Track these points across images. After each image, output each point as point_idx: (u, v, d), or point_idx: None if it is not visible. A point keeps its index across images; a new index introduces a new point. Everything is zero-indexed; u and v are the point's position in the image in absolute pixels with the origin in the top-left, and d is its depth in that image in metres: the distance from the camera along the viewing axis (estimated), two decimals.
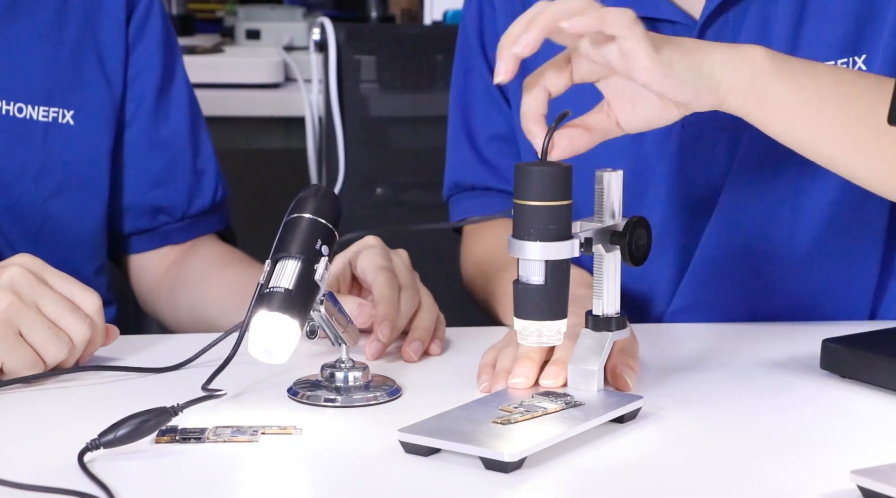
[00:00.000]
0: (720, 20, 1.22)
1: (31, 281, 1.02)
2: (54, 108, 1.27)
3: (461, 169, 1.35)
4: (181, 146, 1.34)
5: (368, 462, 0.94)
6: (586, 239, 0.99)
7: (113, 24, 1.31)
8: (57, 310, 1.03)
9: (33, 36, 1.27)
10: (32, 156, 1.26)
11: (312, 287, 1.02)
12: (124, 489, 0.87)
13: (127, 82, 1.32)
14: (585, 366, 1.02)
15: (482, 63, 1.33)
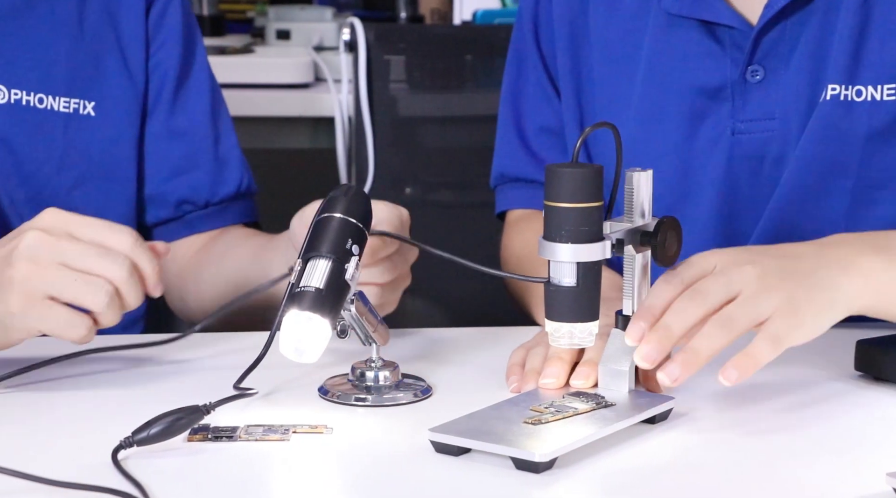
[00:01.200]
0: (778, 28, 1.20)
1: (47, 241, 0.99)
2: (75, 100, 1.27)
3: (508, 160, 1.35)
4: (201, 135, 1.34)
5: (399, 462, 0.94)
6: (618, 240, 0.99)
7: (133, 15, 1.31)
8: (84, 259, 1.00)
9: (53, 27, 1.27)
10: (53, 146, 1.26)
11: (343, 287, 1.02)
12: (158, 487, 0.87)
13: (147, 74, 1.32)
14: (616, 366, 1.02)
15: (535, 54, 1.33)
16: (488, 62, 1.98)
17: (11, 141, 1.24)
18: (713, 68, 1.22)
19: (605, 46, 1.27)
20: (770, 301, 0.99)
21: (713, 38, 1.22)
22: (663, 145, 1.22)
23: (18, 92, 1.24)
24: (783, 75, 1.20)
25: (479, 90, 2.00)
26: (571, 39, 1.29)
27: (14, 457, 0.88)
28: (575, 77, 1.29)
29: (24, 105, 1.24)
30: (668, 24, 1.23)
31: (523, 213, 1.35)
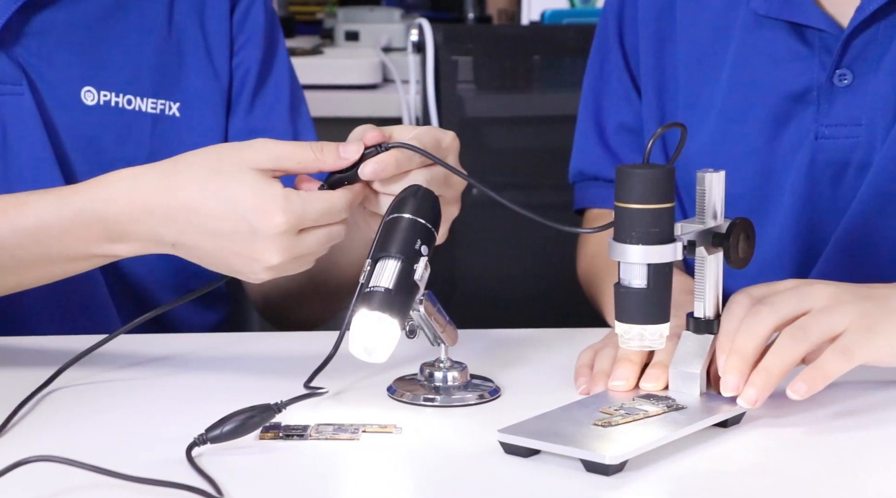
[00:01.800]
0: (869, 32, 1.18)
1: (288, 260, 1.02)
2: (161, 101, 1.29)
3: (587, 157, 1.34)
4: (280, 133, 1.34)
5: (468, 462, 0.94)
6: (689, 242, 0.98)
7: (219, 15, 1.32)
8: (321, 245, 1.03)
9: (142, 28, 1.28)
10: (141, 148, 1.28)
11: (412, 287, 1.02)
12: (231, 484, 0.88)
13: (231, 73, 1.33)
14: (687, 369, 1.01)
15: (618, 52, 1.32)
16: (556, 63, 1.98)
17: (101, 142, 1.25)
18: (800, 71, 1.21)
19: (691, 46, 1.26)
20: (845, 315, 0.98)
21: (802, 40, 1.20)
22: (745, 148, 1.21)
23: (108, 94, 1.26)
24: (872, 80, 1.19)
25: (546, 91, 1.99)
26: (656, 38, 1.29)
27: (92, 452, 0.89)
28: (657, 76, 1.28)
29: (113, 107, 1.26)
30: (755, 26, 1.22)
31: (600, 212, 1.35)
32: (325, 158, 1.03)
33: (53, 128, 1.23)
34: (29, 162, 1.23)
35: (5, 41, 1.21)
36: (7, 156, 1.22)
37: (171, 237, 1.03)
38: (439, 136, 1.07)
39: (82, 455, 0.88)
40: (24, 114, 1.22)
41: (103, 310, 1.25)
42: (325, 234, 1.03)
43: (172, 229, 1.03)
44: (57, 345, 1.14)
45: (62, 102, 1.24)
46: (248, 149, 1.03)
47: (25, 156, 1.22)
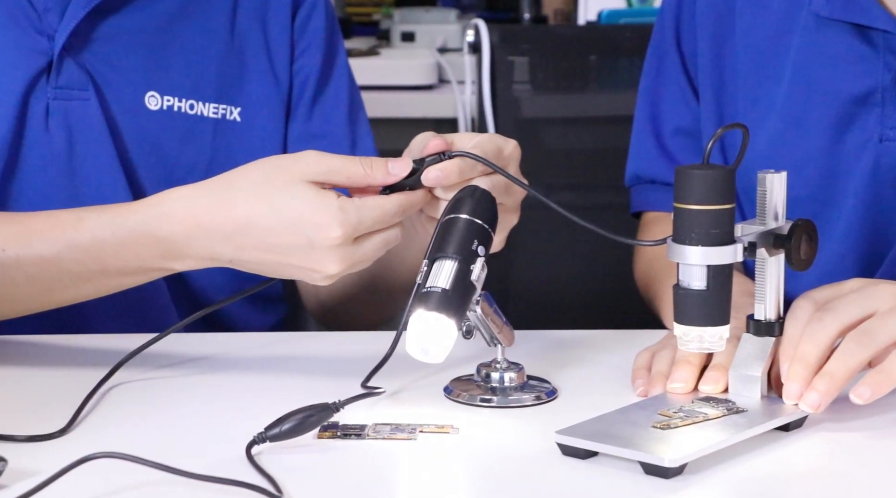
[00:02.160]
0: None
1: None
2: (223, 105, 1.29)
3: (643, 160, 1.34)
4: (339, 138, 1.35)
5: (526, 463, 0.93)
6: (749, 243, 0.97)
7: (280, 20, 1.33)
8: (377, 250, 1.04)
9: (205, 34, 1.29)
10: (202, 152, 1.29)
11: (469, 287, 1.01)
12: (290, 482, 0.88)
13: (292, 78, 1.34)
14: (747, 371, 1.00)
15: (675, 54, 1.32)
16: (613, 63, 1.97)
17: (163, 147, 1.26)
18: (864, 73, 1.19)
19: (751, 48, 1.25)
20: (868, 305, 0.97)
21: (866, 41, 1.19)
22: (807, 150, 1.19)
23: (171, 99, 1.27)
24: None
25: (602, 91, 1.99)
26: (715, 40, 1.28)
27: (153, 449, 0.90)
28: (716, 78, 1.28)
29: (175, 111, 1.27)
30: (817, 27, 1.21)
31: (657, 215, 1.34)
32: (374, 174, 1.04)
33: (118, 132, 1.25)
34: (94, 166, 1.24)
35: (73, 47, 1.22)
36: (73, 161, 1.23)
37: (228, 254, 1.05)
38: (501, 144, 1.08)
39: (144, 452, 0.88)
40: (90, 119, 1.23)
41: (163, 311, 1.26)
42: (380, 240, 1.04)
43: (229, 246, 1.04)
44: (116, 342, 1.15)
45: (127, 107, 1.25)
46: (300, 161, 1.04)
47: (91, 160, 1.24)
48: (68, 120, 1.23)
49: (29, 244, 1.07)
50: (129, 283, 1.10)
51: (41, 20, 1.22)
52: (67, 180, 1.23)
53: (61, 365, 1.13)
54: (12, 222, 1.10)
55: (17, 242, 1.07)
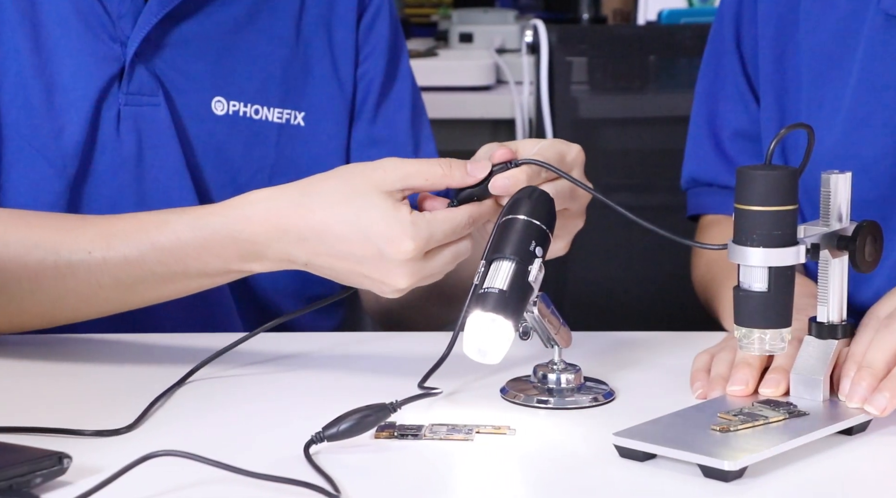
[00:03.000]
0: None
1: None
2: (287, 110, 1.30)
3: (701, 163, 1.33)
4: (402, 143, 1.35)
5: (583, 465, 0.93)
6: (812, 245, 0.96)
7: (345, 25, 1.33)
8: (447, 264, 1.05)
9: (271, 40, 1.30)
10: (266, 156, 1.29)
11: (526, 288, 1.01)
12: (347, 482, 0.88)
13: (356, 83, 1.34)
14: (810, 375, 0.99)
15: (735, 55, 1.30)
16: (673, 63, 1.96)
17: (229, 151, 1.27)
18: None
19: (816, 48, 1.23)
20: None
21: None
22: (875, 152, 1.18)
23: (237, 104, 1.27)
24: None
25: (661, 92, 1.97)
26: (777, 40, 1.26)
27: (214, 447, 0.90)
28: (778, 80, 1.26)
29: (241, 116, 1.27)
30: (887, 26, 1.19)
31: (715, 218, 1.33)
32: (453, 174, 1.05)
33: (186, 137, 1.25)
34: (162, 170, 1.25)
35: (145, 54, 1.23)
36: (142, 164, 1.24)
37: (303, 257, 1.06)
38: (564, 149, 1.08)
39: (205, 450, 0.89)
40: (159, 125, 1.24)
41: (226, 312, 1.26)
42: (451, 253, 1.05)
43: (305, 250, 1.05)
44: (186, 342, 1.17)
45: (194, 112, 1.26)
46: (378, 170, 1.05)
47: (159, 164, 1.25)
48: (138, 125, 1.24)
49: (113, 246, 1.10)
50: (209, 283, 1.11)
51: (115, 27, 1.23)
52: (136, 183, 1.24)
53: (132, 363, 1.14)
54: (96, 225, 1.12)
55: (101, 245, 1.10)
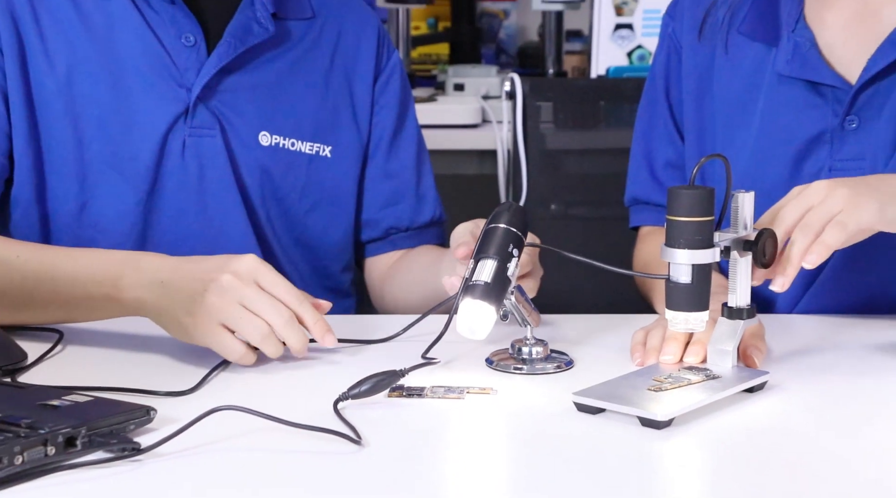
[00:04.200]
0: (873, 87, 1.15)
1: (236, 284, 0.99)
2: (317, 144, 1.29)
3: (640, 187, 1.32)
4: (407, 177, 1.34)
5: (549, 417, 0.93)
6: (725, 247, 0.96)
7: (365, 82, 1.33)
8: (255, 304, 0.99)
9: (306, 88, 1.29)
10: (298, 178, 1.28)
11: (505, 281, 1.01)
12: (367, 431, 0.88)
13: (371, 128, 1.33)
14: (722, 346, 0.99)
15: (665, 103, 1.30)
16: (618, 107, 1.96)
17: (272, 173, 1.27)
18: (817, 118, 1.18)
19: (727, 98, 1.24)
20: (838, 199, 0.97)
21: (818, 94, 1.17)
22: (773, 179, 1.19)
23: (278, 137, 1.27)
24: (875, 124, 1.15)
25: (610, 129, 1.97)
26: (697, 92, 1.26)
27: (263, 403, 0.90)
28: (698, 122, 1.26)
29: (281, 147, 1.27)
30: (780, 83, 1.19)
31: (651, 228, 1.33)
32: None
33: (236, 162, 1.25)
34: (218, 189, 1.24)
35: (205, 97, 1.23)
36: (202, 184, 1.24)
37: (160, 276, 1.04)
38: (472, 228, 1.07)
39: (254, 406, 0.89)
40: (216, 152, 1.23)
41: None
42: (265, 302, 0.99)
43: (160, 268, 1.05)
44: None
45: (244, 143, 1.25)
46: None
47: (216, 184, 1.24)
48: (199, 152, 1.23)
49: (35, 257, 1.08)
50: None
51: (182, 76, 1.22)
52: (197, 198, 1.24)
53: None
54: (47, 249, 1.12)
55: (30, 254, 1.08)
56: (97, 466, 0.82)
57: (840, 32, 1.18)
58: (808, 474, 0.83)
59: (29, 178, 1.19)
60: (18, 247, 1.11)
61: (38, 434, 0.82)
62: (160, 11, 1.22)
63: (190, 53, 1.23)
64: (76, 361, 1.05)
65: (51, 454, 0.82)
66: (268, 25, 1.25)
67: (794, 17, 1.19)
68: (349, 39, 1.32)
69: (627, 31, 2.27)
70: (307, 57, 1.29)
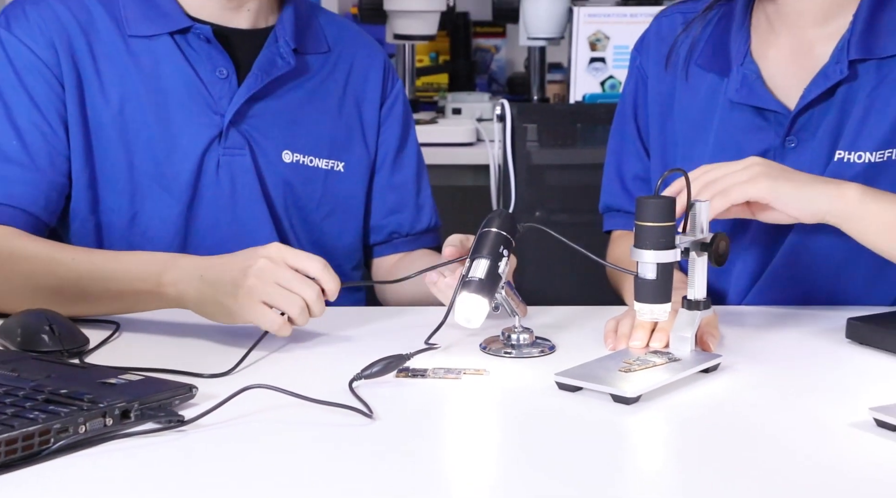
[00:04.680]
0: (809, 112, 1.17)
1: (270, 266, 1.00)
2: (332, 161, 1.30)
3: (612, 196, 1.33)
4: (408, 189, 1.35)
5: (534, 395, 0.94)
6: (685, 248, 0.97)
7: (373, 107, 1.33)
8: (290, 282, 1.00)
9: (322, 113, 1.30)
10: (316, 191, 1.29)
11: (497, 277, 1.02)
12: (378, 406, 0.89)
13: (377, 146, 1.35)
14: (682, 333, 1.00)
15: (633, 126, 1.31)
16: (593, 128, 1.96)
17: (293, 186, 1.27)
18: (762, 138, 1.19)
19: (686, 121, 1.25)
20: (741, 173, 1.03)
21: (763, 118, 1.19)
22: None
23: (298, 155, 1.27)
24: (810, 143, 1.17)
25: (586, 147, 1.98)
26: (661, 116, 1.27)
27: (287, 383, 0.90)
28: (662, 142, 1.27)
29: (301, 164, 1.27)
30: (731, 108, 1.21)
31: (622, 232, 1.33)
32: None
33: (263, 178, 1.25)
34: (248, 201, 1.24)
35: (236, 121, 1.24)
36: (234, 197, 1.24)
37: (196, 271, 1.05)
38: (463, 238, 1.09)
39: (280, 384, 0.89)
40: (245, 169, 1.24)
41: None
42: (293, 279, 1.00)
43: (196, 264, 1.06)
44: None
45: (269, 161, 1.25)
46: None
47: (246, 197, 1.24)
48: (231, 169, 1.24)
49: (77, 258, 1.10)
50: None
51: (216, 104, 1.23)
52: (230, 208, 1.24)
53: (226, 327, 1.10)
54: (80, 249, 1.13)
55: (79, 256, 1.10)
56: (148, 435, 0.84)
57: (781, 66, 1.20)
58: (754, 441, 0.84)
59: (85, 194, 1.21)
60: (73, 251, 1.13)
61: (98, 407, 0.83)
62: (198, 50, 1.23)
63: (223, 85, 1.24)
64: (131, 347, 1.06)
65: (109, 425, 0.83)
66: (290, 59, 1.26)
67: (742, 53, 1.20)
68: (359, 71, 1.33)
69: (601, 63, 2.29)
70: (323, 86, 1.30)
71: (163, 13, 1.23)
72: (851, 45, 1.15)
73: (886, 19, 1.16)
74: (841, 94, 1.16)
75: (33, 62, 1.19)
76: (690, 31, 1.24)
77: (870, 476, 0.78)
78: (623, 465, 0.82)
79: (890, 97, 1.14)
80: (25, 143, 1.18)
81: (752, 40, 1.21)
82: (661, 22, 1.29)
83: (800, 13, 1.18)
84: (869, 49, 1.15)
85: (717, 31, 1.23)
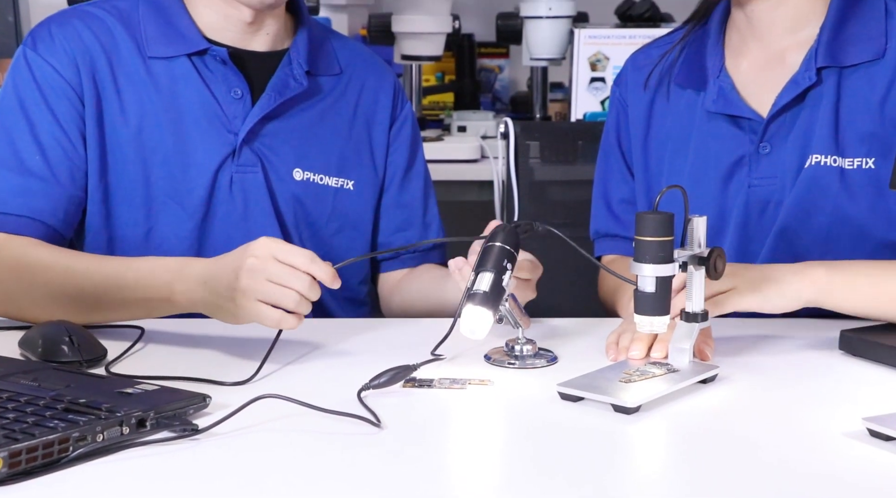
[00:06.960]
0: (780, 118, 1.18)
1: (259, 264, 0.99)
2: (342, 179, 1.30)
3: (601, 222, 1.33)
4: (416, 207, 1.35)
5: (537, 404, 0.94)
6: (683, 262, 0.97)
7: (382, 128, 1.33)
8: (281, 277, 0.97)
9: (332, 133, 1.30)
10: (326, 208, 1.29)
11: (501, 290, 1.02)
12: (386, 416, 0.89)
13: (386, 166, 1.34)
14: (680, 345, 1.00)
15: (617, 151, 1.32)
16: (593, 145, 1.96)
17: (303, 204, 1.27)
18: (737, 145, 1.21)
19: (666, 135, 1.27)
20: (728, 282, 1.02)
21: (737, 126, 1.21)
22: (706, 197, 1.22)
23: (309, 173, 1.27)
24: (783, 149, 1.19)
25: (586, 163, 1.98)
26: (642, 139, 1.29)
27: (298, 393, 0.90)
28: (644, 162, 1.29)
29: (311, 182, 1.27)
30: (708, 118, 1.23)
31: (613, 257, 1.33)
32: None
33: (274, 195, 1.25)
34: (260, 217, 1.24)
35: (249, 140, 1.24)
36: (246, 212, 1.24)
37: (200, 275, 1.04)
38: (533, 259, 1.10)
39: (292, 394, 0.89)
40: (257, 186, 1.24)
41: None
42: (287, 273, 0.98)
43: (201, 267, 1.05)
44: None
45: (281, 178, 1.26)
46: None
47: (258, 213, 1.24)
48: (244, 186, 1.24)
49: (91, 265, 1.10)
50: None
51: (230, 123, 1.24)
52: (243, 224, 1.24)
53: (240, 334, 1.10)
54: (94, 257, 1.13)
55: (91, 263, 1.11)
56: (163, 443, 0.83)
57: (754, 76, 1.22)
58: (750, 450, 0.84)
59: (99, 209, 1.21)
60: (88, 260, 1.13)
61: (116, 416, 0.83)
62: (214, 71, 1.24)
63: (237, 104, 1.24)
64: (151, 355, 1.06)
65: (125, 433, 0.83)
66: (302, 81, 1.26)
67: (717, 67, 1.23)
68: (370, 92, 1.33)
69: (601, 83, 2.29)
70: (334, 106, 1.30)
71: (181, 35, 1.23)
72: (819, 54, 1.17)
73: (852, 30, 1.18)
74: (810, 99, 1.18)
75: (57, 81, 1.20)
76: (668, 56, 1.27)
77: (863, 485, 0.78)
78: (623, 472, 0.82)
79: (856, 106, 1.16)
80: (47, 158, 1.19)
81: (727, 55, 1.24)
82: (636, 57, 1.32)
83: (771, 24, 1.20)
84: (834, 57, 1.17)
85: (691, 50, 1.26)
